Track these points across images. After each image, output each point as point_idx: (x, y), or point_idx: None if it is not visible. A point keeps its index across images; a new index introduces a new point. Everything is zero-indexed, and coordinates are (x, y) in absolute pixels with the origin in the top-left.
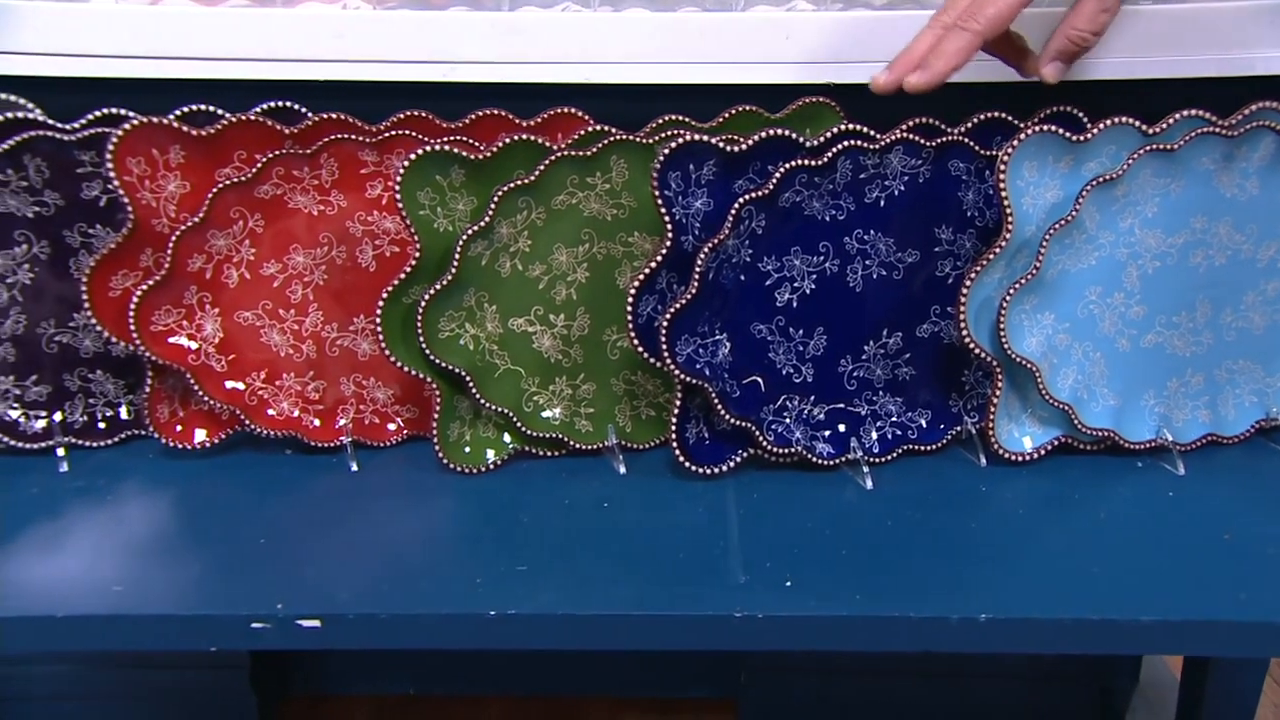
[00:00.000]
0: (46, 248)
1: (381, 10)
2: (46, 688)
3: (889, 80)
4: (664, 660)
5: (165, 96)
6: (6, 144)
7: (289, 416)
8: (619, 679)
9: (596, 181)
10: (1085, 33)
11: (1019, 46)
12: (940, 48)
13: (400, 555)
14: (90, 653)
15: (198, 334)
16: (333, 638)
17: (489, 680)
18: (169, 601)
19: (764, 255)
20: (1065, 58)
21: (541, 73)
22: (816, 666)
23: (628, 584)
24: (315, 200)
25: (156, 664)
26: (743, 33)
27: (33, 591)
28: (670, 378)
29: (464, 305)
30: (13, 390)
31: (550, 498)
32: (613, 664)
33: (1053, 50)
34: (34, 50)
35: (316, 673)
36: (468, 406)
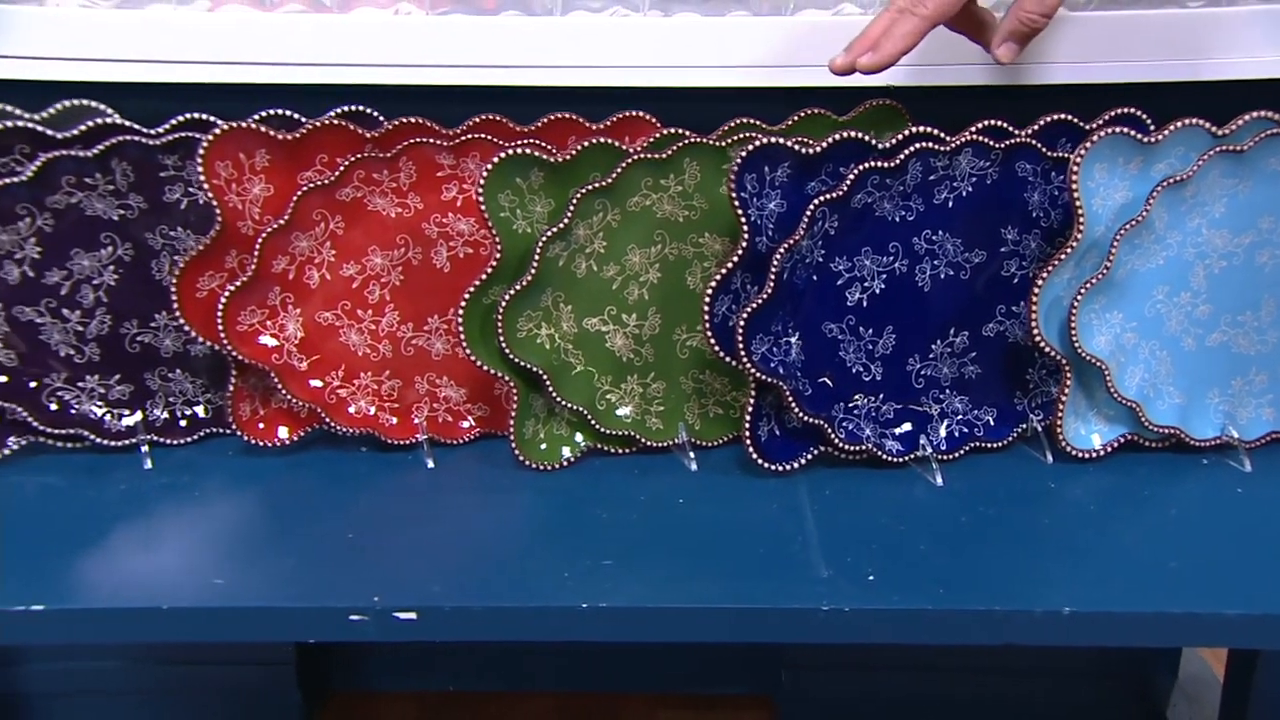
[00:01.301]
0: (130, 250)
1: (448, 16)
2: (92, 683)
3: (844, 61)
4: (701, 656)
5: (237, 101)
6: (96, 149)
7: (366, 414)
8: (656, 675)
9: (670, 183)
10: (1034, 14)
11: (980, 21)
12: (891, 30)
13: (485, 549)
14: (136, 647)
15: (280, 334)
16: (428, 630)
17: (527, 677)
18: (269, 594)
19: (836, 255)
20: (1018, 39)
21: (611, 76)
22: (856, 663)
23: (713, 579)
24: (393, 202)
25: (203, 659)
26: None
27: (136, 584)
28: (744, 376)
29: (541, 305)
30: (97, 389)
31: (625, 494)
32: (650, 660)
33: (1005, 31)
34: (111, 56)
35: (359, 669)
36: (542, 405)
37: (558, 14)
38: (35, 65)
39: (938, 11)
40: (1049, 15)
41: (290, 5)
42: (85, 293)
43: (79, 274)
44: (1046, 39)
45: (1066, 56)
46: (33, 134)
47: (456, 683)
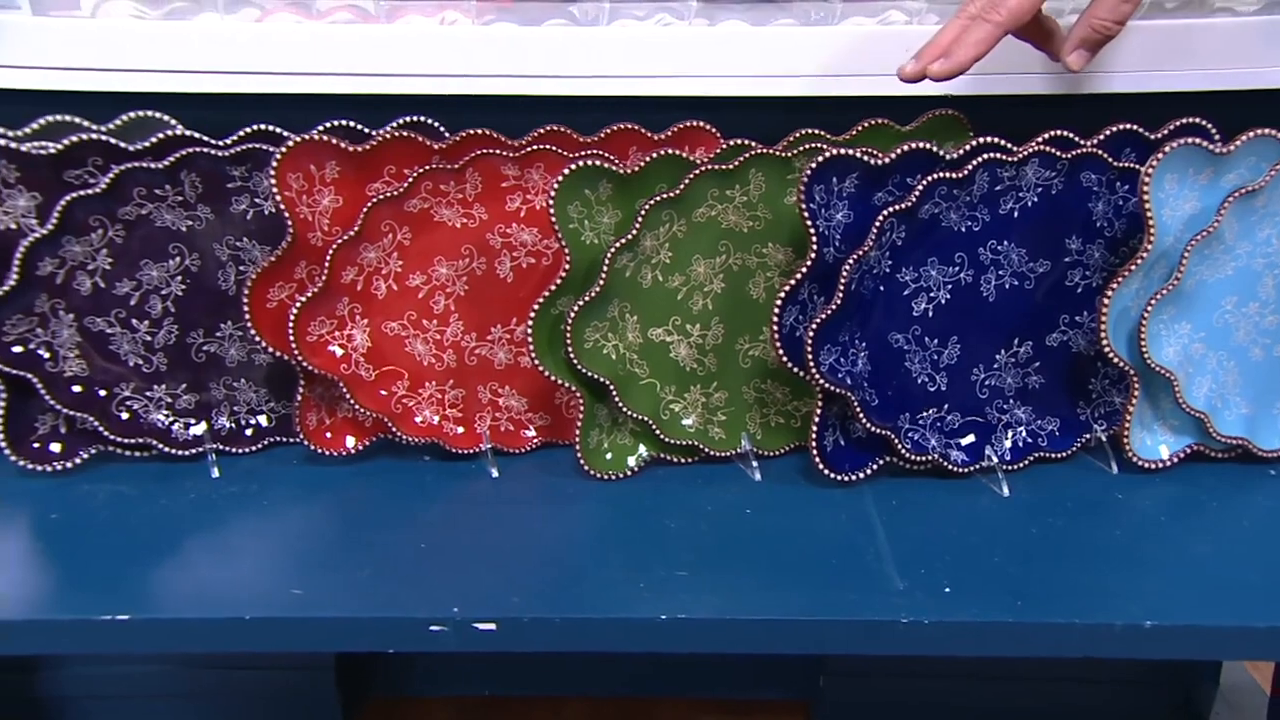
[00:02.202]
0: (197, 260)
1: (493, 25)
2: (131, 687)
3: (915, 69)
4: (738, 661)
5: (292, 111)
6: (167, 160)
7: (431, 424)
8: (692, 680)
9: (735, 194)
10: (1108, 21)
11: (1048, 30)
12: (963, 38)
13: (559, 559)
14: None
15: (349, 344)
16: (507, 641)
17: (565, 682)
18: (349, 604)
19: (902, 266)
20: (1089, 46)
21: (662, 86)
22: (895, 669)
23: (788, 589)
24: (459, 213)
25: (242, 664)
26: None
27: (216, 594)
28: (810, 387)
29: (608, 316)
30: (164, 398)
31: (692, 504)
32: (686, 665)
33: (1076, 39)
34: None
35: (397, 674)
36: (606, 414)
37: (603, 23)
38: (87, 76)
39: (1011, 18)
40: (1121, 23)
41: (337, 15)
42: (154, 303)
43: (148, 284)
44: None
45: (1125, 65)
46: (105, 146)
47: (493, 687)
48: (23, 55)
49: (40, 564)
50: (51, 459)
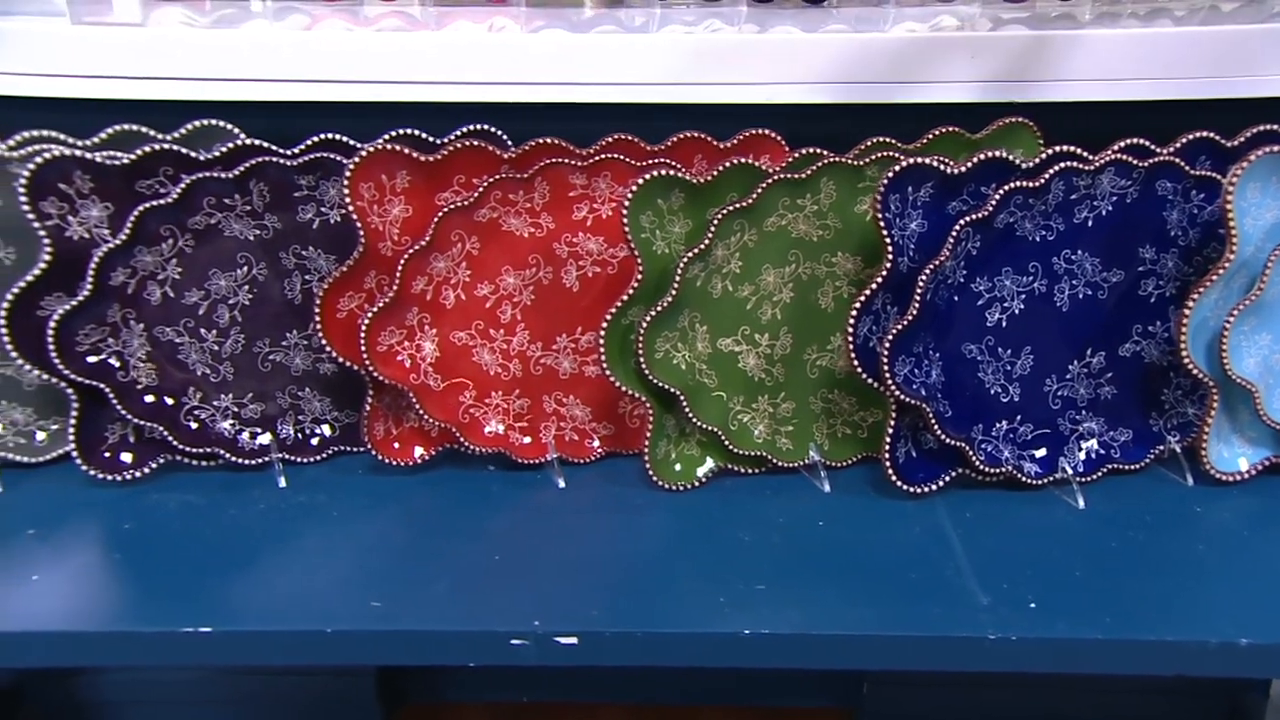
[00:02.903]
0: (264, 269)
1: (542, 32)
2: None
3: None
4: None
5: (346, 118)
6: (238, 170)
7: (498, 434)
8: (733, 688)
9: (806, 203)
10: None
11: None
12: None
13: (635, 572)
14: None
15: (417, 354)
16: (588, 655)
17: (602, 688)
18: (428, 617)
19: (977, 276)
20: None
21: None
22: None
23: (870, 604)
24: (527, 223)
25: (284, 670)
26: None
27: (294, 606)
28: (882, 398)
29: (678, 326)
30: (231, 408)
31: (762, 515)
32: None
33: None
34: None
35: (435, 680)
36: (674, 425)
37: (653, 29)
38: (142, 85)
39: None
40: None
41: (385, 22)
42: (221, 312)
43: (216, 294)
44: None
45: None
46: (177, 156)
47: (529, 693)
48: (76, 64)
49: (119, 575)
50: (122, 468)
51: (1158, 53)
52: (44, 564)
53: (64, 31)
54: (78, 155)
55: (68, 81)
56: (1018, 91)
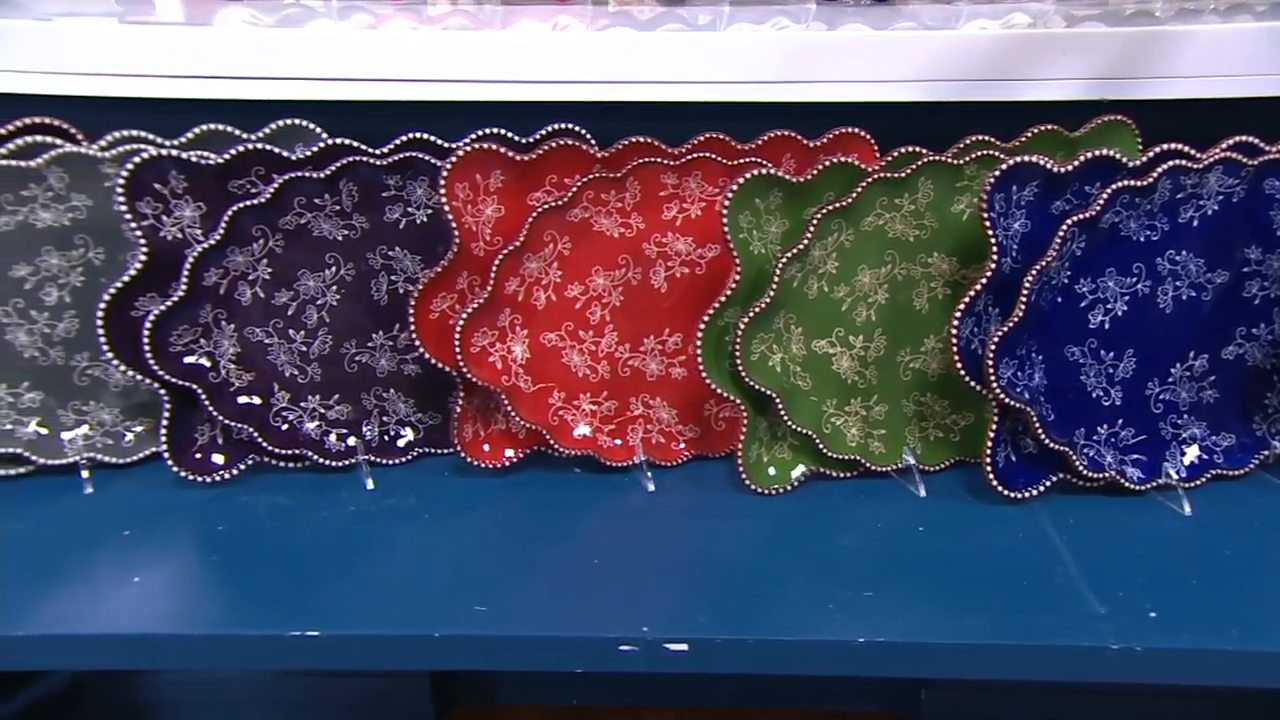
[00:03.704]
0: (352, 270)
1: (608, 31)
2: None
3: None
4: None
5: (435, 119)
6: (328, 169)
7: (586, 436)
8: (785, 691)
9: (904, 202)
10: None
11: None
12: None
13: (736, 577)
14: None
15: (509, 355)
16: (699, 662)
17: (651, 691)
18: (535, 623)
19: (1081, 277)
20: None
21: (824, 92)
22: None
23: (983, 612)
24: (617, 223)
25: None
26: (1021, 49)
27: (399, 611)
28: (983, 401)
29: (774, 328)
30: (318, 409)
31: (859, 520)
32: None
33: None
34: (313, 75)
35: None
36: (766, 428)
37: (720, 28)
38: (224, 85)
39: None
40: None
41: (449, 21)
42: (310, 313)
43: (305, 295)
44: (1272, 54)
45: None
46: (268, 156)
47: (579, 697)
48: (126, 62)
49: (219, 577)
50: (213, 470)
51: (1256, 48)
52: (144, 566)
53: (112, 31)
54: (174, 155)
55: (130, 81)
56: (1113, 89)
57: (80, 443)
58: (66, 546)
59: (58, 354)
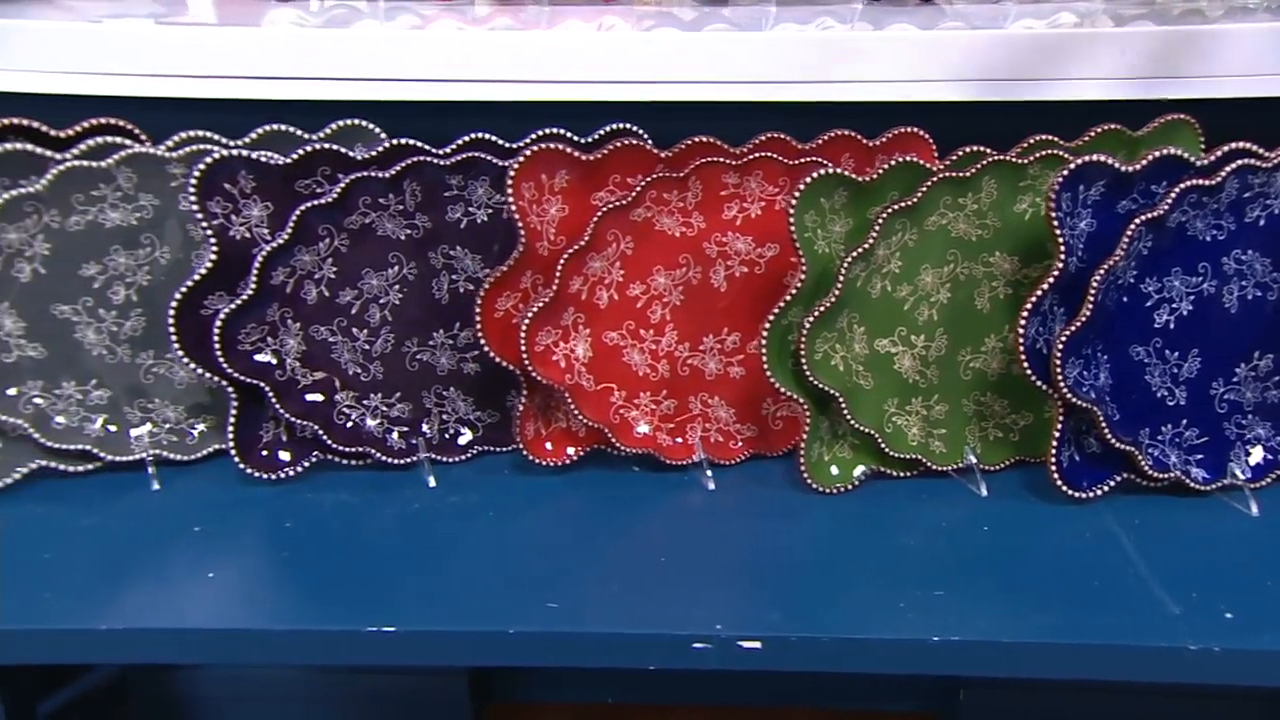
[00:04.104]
0: (414, 269)
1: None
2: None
3: None
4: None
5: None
6: (393, 169)
7: (647, 435)
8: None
9: (967, 201)
10: None
11: None
12: None
13: (804, 576)
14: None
15: (572, 354)
16: (772, 660)
17: (686, 689)
18: (608, 619)
19: (1146, 276)
20: None
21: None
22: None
23: (1056, 612)
24: (679, 222)
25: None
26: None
27: (472, 607)
28: (1048, 400)
29: (837, 327)
30: (380, 407)
31: (923, 520)
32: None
33: None
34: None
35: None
36: (827, 427)
37: (766, 28)
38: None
39: None
40: None
41: (497, 21)
42: (373, 312)
43: (368, 293)
44: None
45: None
46: (335, 156)
47: (613, 694)
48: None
49: (291, 573)
50: (280, 467)
51: None
52: (216, 561)
53: (162, 32)
54: (244, 155)
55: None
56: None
57: (146, 440)
58: (140, 542)
59: (124, 352)
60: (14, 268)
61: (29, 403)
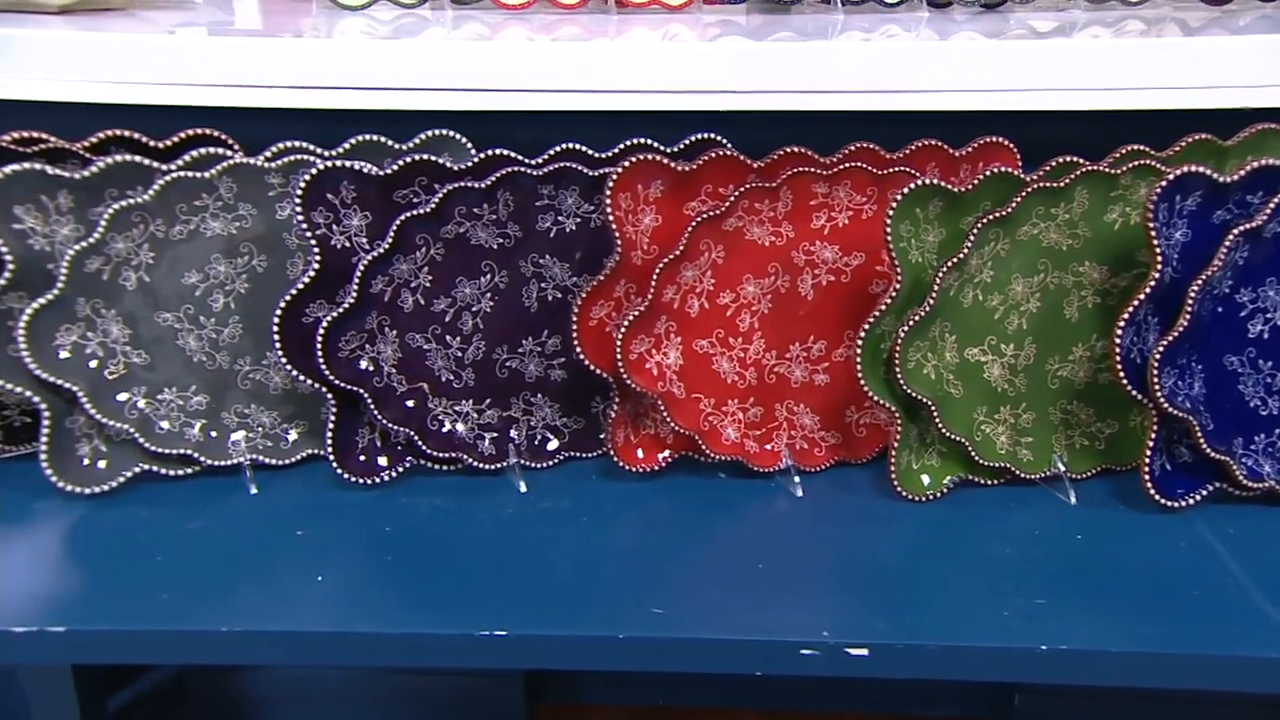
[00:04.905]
0: (505, 277)
1: (717, 41)
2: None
3: None
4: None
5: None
6: (489, 179)
7: (735, 441)
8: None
9: (1059, 211)
10: None
11: None
12: None
13: (904, 583)
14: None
15: (664, 362)
16: (879, 667)
17: (737, 692)
18: (714, 625)
19: (1241, 286)
20: None
21: (969, 100)
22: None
23: (1161, 622)
24: (769, 231)
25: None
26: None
27: (578, 611)
28: (1144, 409)
29: (929, 336)
30: (471, 413)
31: (1015, 528)
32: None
33: None
34: (457, 86)
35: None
36: (915, 435)
37: (832, 36)
38: (332, 95)
39: None
40: None
41: (562, 30)
42: (465, 320)
43: (461, 301)
44: None
45: None
46: (432, 166)
47: (666, 697)
48: (273, 76)
49: (396, 578)
50: (378, 472)
51: None
52: (323, 565)
53: (257, 44)
54: (348, 166)
55: (259, 92)
56: (1260, 96)
57: (244, 444)
58: (247, 546)
59: (223, 358)
60: (121, 276)
61: (133, 408)
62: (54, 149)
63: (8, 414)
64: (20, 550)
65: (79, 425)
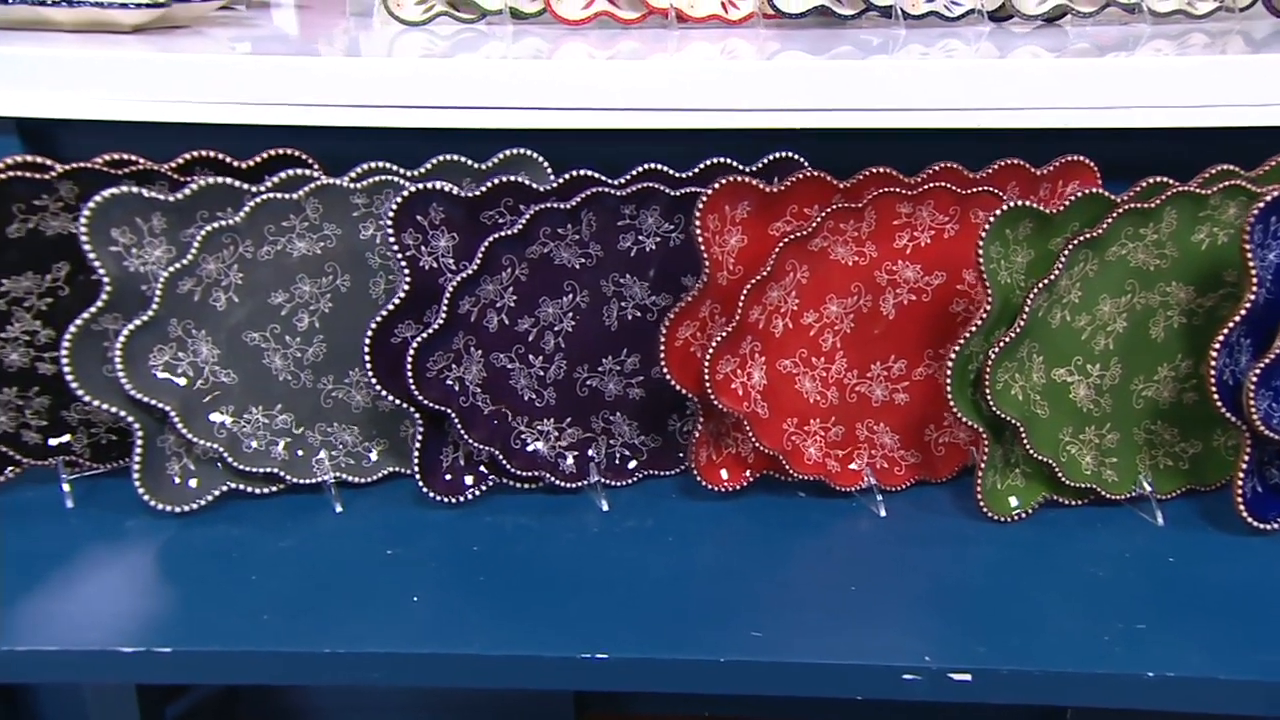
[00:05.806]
0: (586, 297)
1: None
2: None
3: None
4: None
5: (671, 144)
6: (574, 200)
7: (817, 461)
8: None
9: (1148, 232)
10: None
11: None
12: None
13: (998, 605)
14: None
15: (749, 382)
16: (982, 692)
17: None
18: (814, 649)
19: None
20: None
21: (1048, 118)
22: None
23: (1266, 648)
24: (852, 251)
25: None
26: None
27: (675, 632)
28: (1237, 431)
29: (1018, 356)
30: (552, 432)
31: (1105, 550)
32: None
33: None
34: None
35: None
36: (1000, 455)
37: (893, 52)
38: (408, 114)
39: None
40: None
41: (621, 46)
42: (548, 339)
43: (544, 321)
44: None
45: None
46: (518, 187)
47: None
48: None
49: (490, 598)
50: (463, 490)
51: None
52: (416, 584)
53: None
54: (437, 188)
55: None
56: None
57: (328, 463)
58: (339, 565)
59: (307, 377)
60: (211, 296)
61: (222, 427)
62: (143, 170)
63: (95, 431)
64: (117, 569)
65: (169, 444)
